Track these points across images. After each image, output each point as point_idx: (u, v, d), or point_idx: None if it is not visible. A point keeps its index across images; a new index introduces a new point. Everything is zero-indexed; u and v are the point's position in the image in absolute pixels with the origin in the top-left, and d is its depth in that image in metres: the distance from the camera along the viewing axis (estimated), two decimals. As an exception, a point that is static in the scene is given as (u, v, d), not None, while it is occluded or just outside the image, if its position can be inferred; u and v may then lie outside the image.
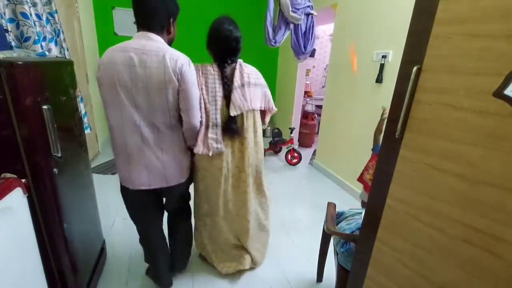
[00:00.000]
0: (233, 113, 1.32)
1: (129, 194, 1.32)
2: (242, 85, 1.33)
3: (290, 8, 2.39)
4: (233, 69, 1.36)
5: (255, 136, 1.45)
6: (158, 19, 1.17)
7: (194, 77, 1.21)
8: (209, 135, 1.32)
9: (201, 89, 1.31)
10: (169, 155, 1.26)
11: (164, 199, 1.47)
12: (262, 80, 1.44)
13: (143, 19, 1.17)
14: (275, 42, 2.58)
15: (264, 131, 4.89)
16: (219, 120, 1.33)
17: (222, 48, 1.34)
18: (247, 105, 1.35)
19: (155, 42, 1.15)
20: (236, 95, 1.31)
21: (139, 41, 1.14)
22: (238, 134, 1.37)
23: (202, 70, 1.33)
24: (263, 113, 1.54)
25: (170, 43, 1.26)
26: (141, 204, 1.38)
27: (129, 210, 1.42)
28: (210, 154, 1.32)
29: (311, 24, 2.60)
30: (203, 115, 1.31)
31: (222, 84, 1.32)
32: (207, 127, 1.32)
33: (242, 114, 1.36)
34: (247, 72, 1.36)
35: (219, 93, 1.32)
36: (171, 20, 1.22)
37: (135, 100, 1.14)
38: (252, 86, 1.36)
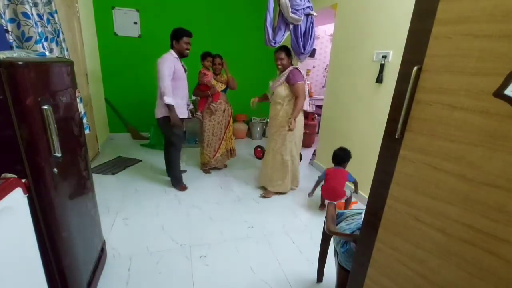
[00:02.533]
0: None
1: None
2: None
3: (290, 9, 2.39)
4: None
5: (281, 105, 2.61)
6: (171, 42, 2.57)
7: (162, 67, 2.43)
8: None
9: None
10: (157, 101, 2.58)
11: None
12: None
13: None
14: (275, 43, 2.58)
15: (264, 132, 4.89)
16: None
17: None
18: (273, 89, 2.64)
19: (168, 53, 2.54)
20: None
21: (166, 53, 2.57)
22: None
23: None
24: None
25: (178, 52, 2.57)
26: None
27: None
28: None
29: (311, 25, 2.60)
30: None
31: None
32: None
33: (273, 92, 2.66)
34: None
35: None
36: (174, 42, 2.55)
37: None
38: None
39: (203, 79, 2.95)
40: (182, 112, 2.67)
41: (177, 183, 2.85)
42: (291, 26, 2.55)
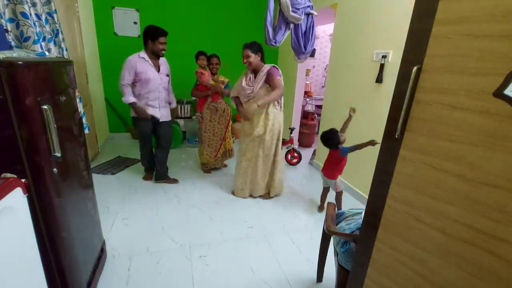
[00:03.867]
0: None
1: None
2: None
3: (290, 8, 2.38)
4: None
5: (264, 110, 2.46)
6: (145, 42, 2.47)
7: (124, 65, 2.44)
8: None
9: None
10: None
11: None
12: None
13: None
14: (275, 42, 2.57)
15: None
16: None
17: None
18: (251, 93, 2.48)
19: (135, 54, 2.46)
20: None
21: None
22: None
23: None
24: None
25: (152, 52, 2.47)
26: None
27: None
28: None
29: (311, 24, 2.60)
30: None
31: None
32: None
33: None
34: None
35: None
36: (149, 42, 2.43)
37: None
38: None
39: (201, 79, 2.94)
40: (153, 112, 2.58)
41: (145, 170, 3.02)
42: (291, 26, 2.55)
